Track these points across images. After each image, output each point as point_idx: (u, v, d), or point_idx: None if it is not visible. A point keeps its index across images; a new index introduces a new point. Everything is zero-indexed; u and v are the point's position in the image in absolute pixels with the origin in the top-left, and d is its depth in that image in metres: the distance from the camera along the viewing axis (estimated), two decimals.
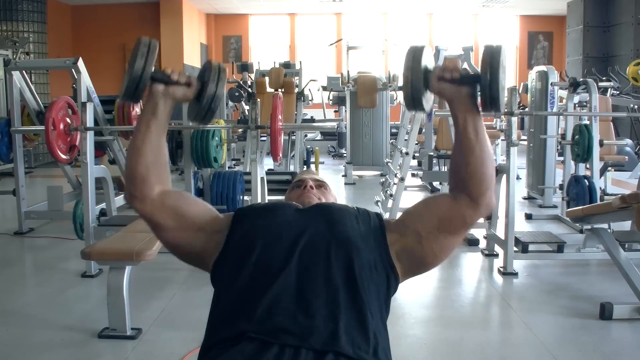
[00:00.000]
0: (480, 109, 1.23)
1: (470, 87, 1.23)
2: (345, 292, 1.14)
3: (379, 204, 4.72)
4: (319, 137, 10.04)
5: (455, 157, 1.28)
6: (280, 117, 3.35)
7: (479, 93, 1.21)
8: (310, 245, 1.20)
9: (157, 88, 1.27)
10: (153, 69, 1.25)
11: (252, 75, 8.50)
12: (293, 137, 6.47)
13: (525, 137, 5.99)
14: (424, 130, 6.57)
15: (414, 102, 1.23)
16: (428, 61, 1.24)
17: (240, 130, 6.94)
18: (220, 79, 1.26)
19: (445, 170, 5.95)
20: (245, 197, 4.24)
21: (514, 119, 3.33)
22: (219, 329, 1.15)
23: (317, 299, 1.12)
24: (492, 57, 1.19)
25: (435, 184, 5.93)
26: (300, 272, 1.16)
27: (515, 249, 3.36)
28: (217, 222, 1.32)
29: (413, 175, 6.86)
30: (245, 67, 8.67)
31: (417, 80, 1.21)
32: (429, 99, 1.27)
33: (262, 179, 3.47)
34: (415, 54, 1.22)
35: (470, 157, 1.23)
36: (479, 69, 1.21)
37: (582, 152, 4.07)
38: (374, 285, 1.20)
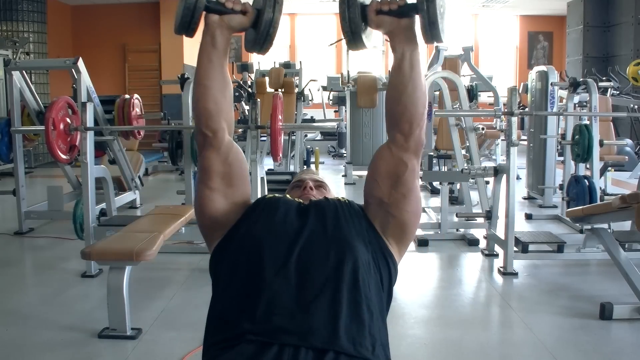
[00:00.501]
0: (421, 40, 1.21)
1: (409, 18, 1.20)
2: (345, 291, 1.14)
3: None
4: (319, 137, 10.05)
5: (389, 94, 1.28)
6: (280, 117, 3.35)
7: (419, 23, 1.18)
8: (309, 245, 1.20)
9: (212, 18, 1.24)
10: None
11: (252, 75, 8.50)
12: (293, 137, 6.46)
13: (525, 137, 5.99)
14: (424, 130, 6.57)
15: (353, 37, 1.21)
16: None
17: (240, 130, 6.93)
18: (277, 3, 1.22)
19: (446, 170, 5.95)
20: None
21: (514, 119, 3.33)
22: (218, 328, 1.15)
23: (317, 298, 1.12)
24: None
25: (435, 183, 5.93)
26: (300, 271, 1.16)
27: (515, 249, 3.36)
28: (244, 204, 1.33)
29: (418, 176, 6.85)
30: (245, 67, 8.67)
31: (355, 15, 1.19)
32: (369, 35, 1.25)
33: (262, 179, 3.47)
34: None
35: (402, 94, 1.24)
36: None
37: (582, 152, 4.07)
38: (374, 283, 1.20)
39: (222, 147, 1.30)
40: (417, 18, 1.18)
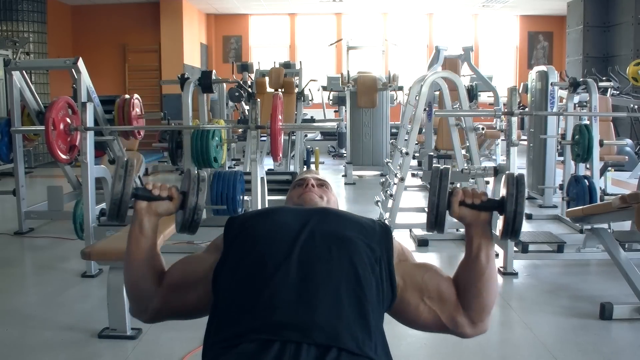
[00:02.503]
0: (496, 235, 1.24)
1: (489, 213, 1.23)
2: (347, 287, 1.14)
3: (379, 204, 4.72)
4: (319, 137, 10.05)
5: (464, 273, 1.28)
6: (280, 117, 3.34)
7: (501, 221, 1.21)
8: (311, 241, 1.20)
9: (140, 205, 1.29)
10: (135, 184, 1.28)
11: (252, 75, 8.50)
12: (293, 137, 6.46)
13: (525, 137, 5.99)
14: (424, 130, 6.58)
15: (437, 225, 1.23)
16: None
17: (240, 130, 6.94)
18: (200, 190, 1.27)
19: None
20: (246, 197, 4.24)
21: (514, 119, 3.33)
22: (219, 327, 1.15)
23: (319, 294, 1.12)
24: (517, 186, 1.19)
25: None
26: (301, 267, 1.16)
27: (515, 249, 3.36)
28: (207, 257, 1.32)
29: (413, 175, 6.86)
30: (245, 67, 8.67)
31: (443, 208, 1.21)
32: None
33: (262, 179, 3.47)
34: (442, 177, 1.22)
35: (478, 281, 1.25)
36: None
37: (582, 152, 4.07)
38: (374, 281, 1.20)
39: (161, 296, 1.31)
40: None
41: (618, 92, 7.09)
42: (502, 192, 1.23)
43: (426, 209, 1.23)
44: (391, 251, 1.27)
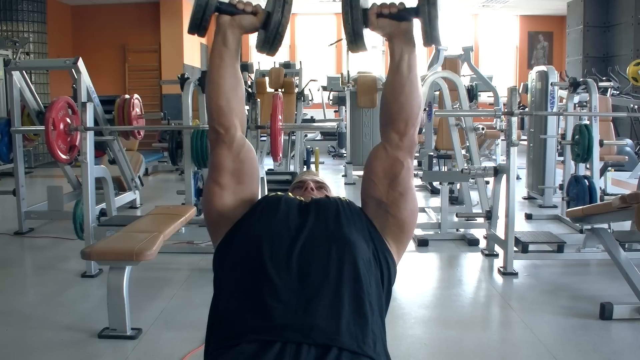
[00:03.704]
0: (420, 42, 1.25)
1: (408, 22, 1.24)
2: (347, 287, 1.14)
3: None
4: (319, 137, 10.04)
5: (386, 93, 1.31)
6: (280, 117, 3.35)
7: (419, 27, 1.22)
8: (311, 242, 1.20)
9: (223, 19, 1.27)
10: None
11: (252, 75, 8.49)
12: (293, 137, 6.47)
13: (525, 137, 5.99)
14: (424, 130, 6.57)
15: (355, 38, 1.24)
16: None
17: None
18: (286, 3, 1.25)
19: (446, 170, 5.95)
20: None
21: (514, 119, 3.33)
22: (220, 327, 1.15)
23: (319, 294, 1.12)
24: None
25: (435, 183, 5.93)
26: (301, 268, 1.16)
27: (515, 249, 3.36)
28: (251, 201, 1.36)
29: (413, 175, 6.86)
30: (245, 67, 8.65)
31: (357, 17, 1.22)
32: (368, 37, 1.28)
33: (262, 179, 3.47)
34: None
35: (400, 95, 1.28)
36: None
37: (582, 152, 4.07)
38: (375, 280, 1.20)
39: (234, 144, 1.32)
40: (416, 21, 1.22)
41: (618, 92, 7.09)
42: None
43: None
44: (383, 239, 1.30)
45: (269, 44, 1.28)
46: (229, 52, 1.29)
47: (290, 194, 1.48)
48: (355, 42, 1.25)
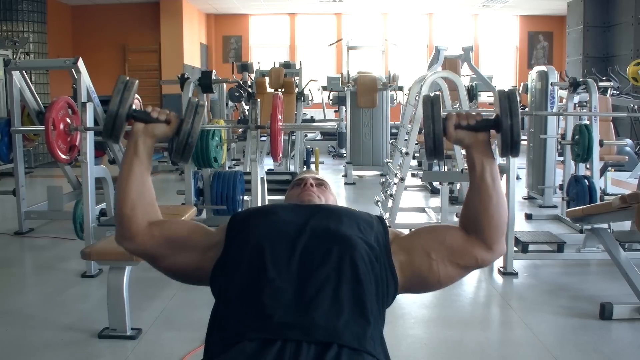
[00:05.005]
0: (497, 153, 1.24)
1: (487, 133, 1.23)
2: (346, 286, 1.15)
3: (379, 204, 4.72)
4: (319, 137, 10.04)
5: (472, 203, 1.28)
6: (280, 117, 3.34)
7: (499, 138, 1.21)
8: (311, 241, 1.20)
9: (137, 126, 1.29)
10: (134, 107, 1.28)
11: (252, 75, 8.49)
12: (293, 137, 6.47)
13: (525, 137, 5.99)
14: (424, 130, 6.56)
15: (436, 152, 1.23)
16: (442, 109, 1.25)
17: (240, 130, 6.94)
18: (197, 114, 1.27)
19: (445, 170, 5.94)
20: (246, 197, 4.24)
21: None
22: (220, 326, 1.15)
23: (319, 294, 1.13)
24: (509, 101, 1.19)
25: (435, 184, 5.93)
26: (302, 267, 1.16)
27: (515, 249, 3.36)
28: (211, 237, 1.32)
29: (413, 175, 6.86)
30: (245, 67, 8.66)
31: (439, 131, 1.21)
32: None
33: (262, 179, 3.47)
34: (433, 104, 1.22)
35: (488, 205, 1.25)
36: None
37: (582, 152, 4.07)
38: (374, 278, 1.20)
39: (141, 234, 1.30)
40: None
41: (618, 92, 7.09)
42: (496, 109, 1.22)
43: (423, 136, 1.24)
44: (388, 242, 1.28)
45: (180, 154, 1.29)
46: (139, 162, 1.30)
47: (289, 194, 1.49)
48: (434, 155, 1.23)
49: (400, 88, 7.85)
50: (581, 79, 4.65)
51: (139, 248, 1.31)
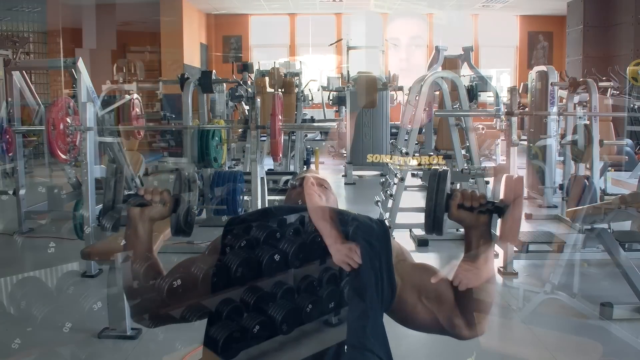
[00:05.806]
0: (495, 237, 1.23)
1: (489, 216, 1.22)
2: (346, 285, 1.14)
3: (379, 204, 4.72)
4: (318, 137, 10.03)
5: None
6: (280, 117, 3.35)
7: (501, 225, 1.21)
8: (310, 241, 1.20)
9: (133, 211, 1.27)
10: (125, 192, 1.28)
11: (252, 75, 8.48)
12: (293, 137, 6.46)
13: (525, 137, 5.98)
14: (424, 130, 6.57)
15: (435, 228, 1.21)
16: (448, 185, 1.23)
17: (240, 130, 6.93)
18: (191, 191, 1.28)
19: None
20: (245, 197, 4.24)
21: (514, 119, 3.33)
22: (221, 326, 1.15)
23: (319, 292, 1.13)
24: (517, 188, 1.19)
25: None
26: (302, 265, 1.17)
27: (515, 248, 3.36)
28: (216, 252, 1.31)
29: (413, 175, 6.85)
30: (245, 67, 8.64)
31: (441, 209, 1.19)
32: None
33: (262, 179, 3.47)
34: (439, 181, 1.20)
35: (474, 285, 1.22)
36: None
37: (582, 152, 4.07)
38: (373, 277, 1.20)
39: (157, 306, 1.32)
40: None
41: (618, 92, 7.08)
42: (502, 195, 1.21)
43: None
44: (390, 250, 1.26)
45: (181, 230, 1.31)
46: (141, 245, 1.29)
47: (289, 193, 1.49)
48: (433, 231, 1.22)
49: (400, 88, 7.84)
50: (581, 79, 4.66)
51: (158, 317, 1.33)
